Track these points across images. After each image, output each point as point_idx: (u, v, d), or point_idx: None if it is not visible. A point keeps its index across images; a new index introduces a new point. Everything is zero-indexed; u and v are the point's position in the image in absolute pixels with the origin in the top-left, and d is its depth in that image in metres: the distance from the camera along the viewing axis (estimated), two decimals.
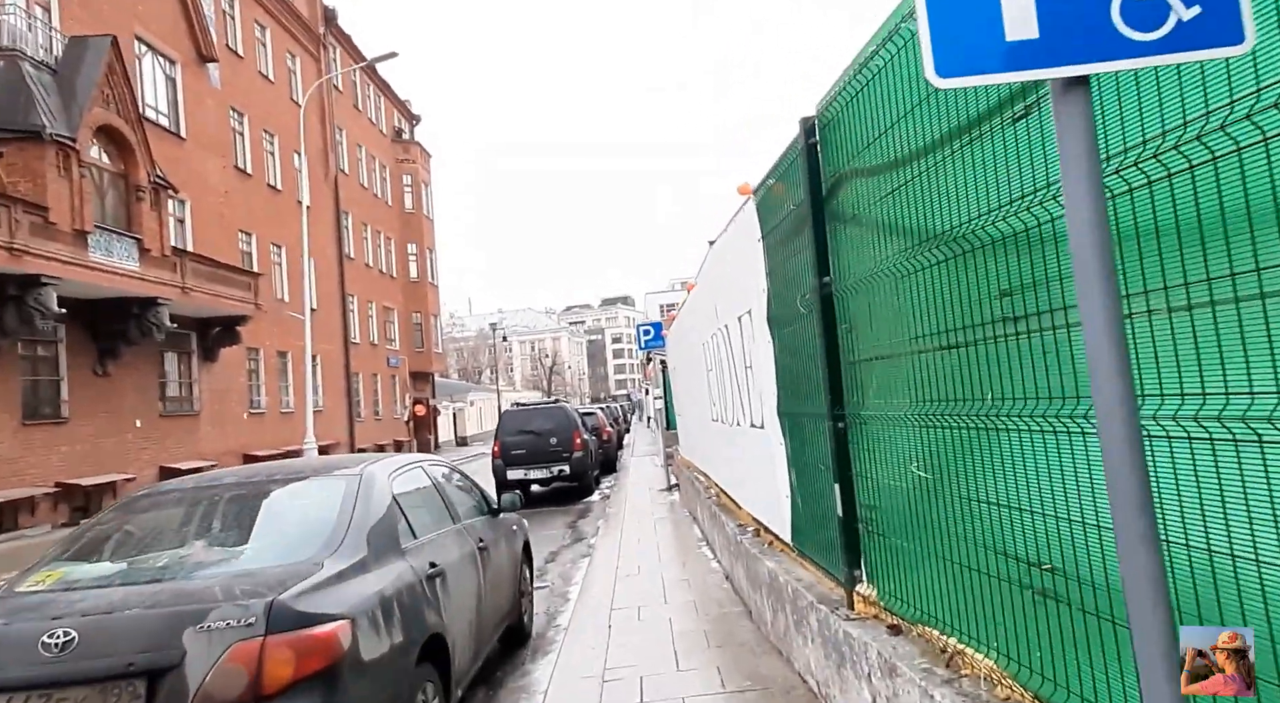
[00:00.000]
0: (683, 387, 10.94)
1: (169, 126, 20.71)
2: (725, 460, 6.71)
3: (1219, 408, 1.44)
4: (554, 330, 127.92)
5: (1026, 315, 2.03)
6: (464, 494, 5.09)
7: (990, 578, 2.30)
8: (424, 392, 40.08)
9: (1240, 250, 1.40)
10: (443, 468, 4.95)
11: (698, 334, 7.59)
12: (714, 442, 7.38)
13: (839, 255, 3.29)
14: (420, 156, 40.64)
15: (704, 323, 6.98)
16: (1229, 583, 1.49)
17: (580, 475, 14.49)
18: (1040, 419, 1.94)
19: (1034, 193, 1.93)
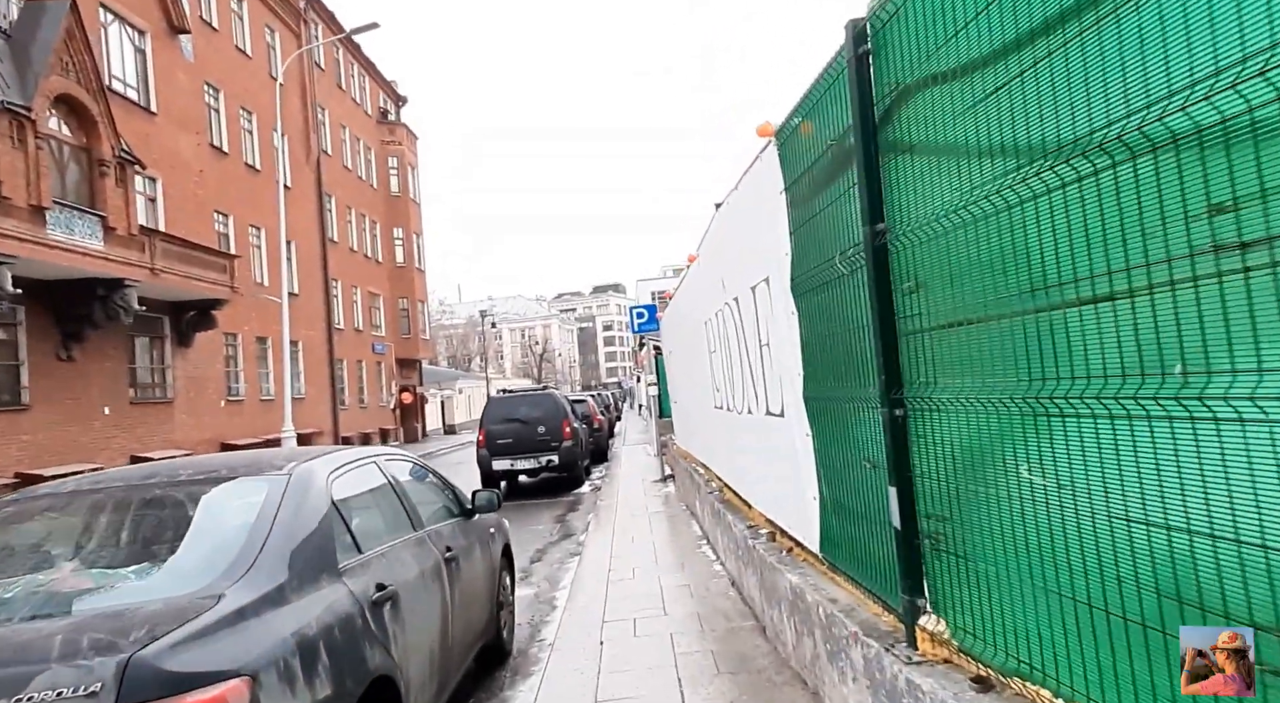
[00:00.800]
0: (679, 372, 10.22)
1: (138, 101, 19.72)
2: (732, 453, 6.00)
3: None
4: (544, 318, 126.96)
5: (1244, 244, 1.31)
6: (430, 494, 4.37)
7: (1150, 632, 1.59)
8: (411, 379, 39.24)
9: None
10: (404, 463, 4.22)
11: (699, 312, 6.87)
12: (717, 432, 6.67)
13: (898, 195, 2.56)
14: (406, 139, 39.60)
15: (707, 298, 6.26)
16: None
17: (570, 466, 13.78)
18: (1258, 403, 1.24)
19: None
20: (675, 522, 9.01)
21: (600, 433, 19.78)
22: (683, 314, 8.68)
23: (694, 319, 7.44)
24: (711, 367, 6.55)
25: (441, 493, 4.50)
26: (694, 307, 7.30)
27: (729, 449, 6.08)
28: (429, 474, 4.49)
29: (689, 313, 7.79)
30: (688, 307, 7.90)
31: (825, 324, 3.36)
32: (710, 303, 6.14)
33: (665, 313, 12.29)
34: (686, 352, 8.69)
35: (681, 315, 8.92)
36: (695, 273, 6.94)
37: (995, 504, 2.12)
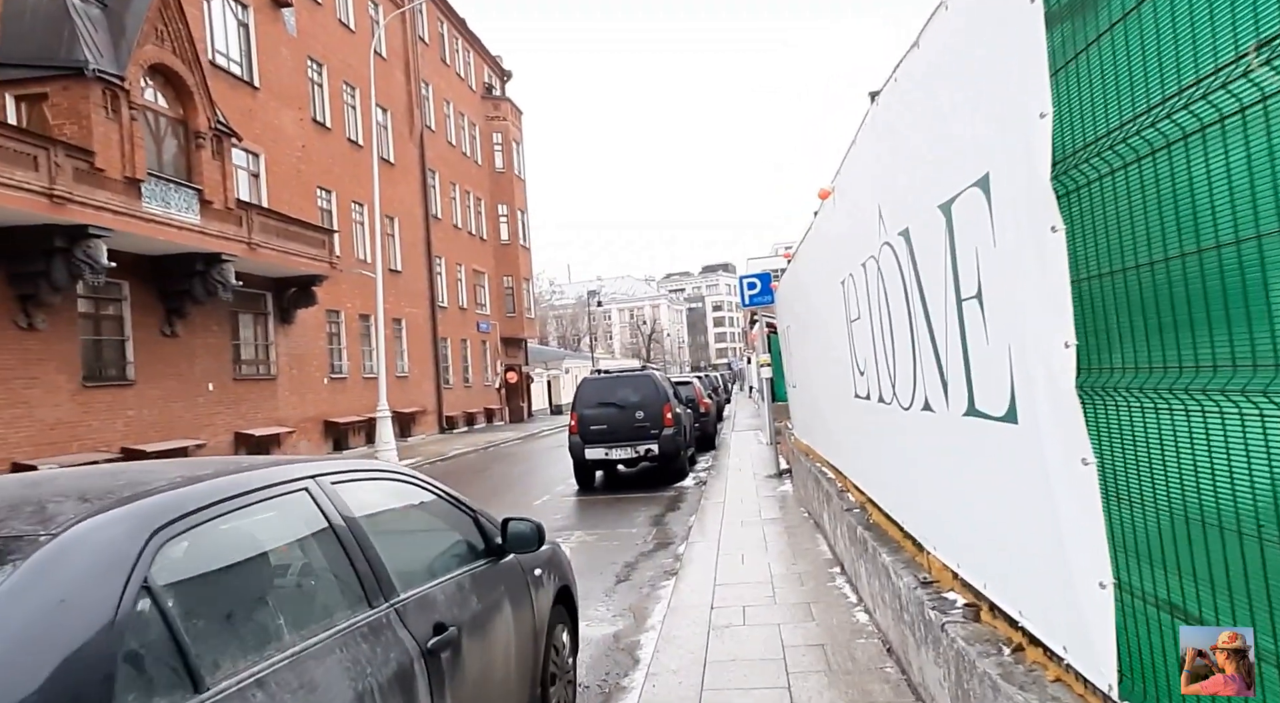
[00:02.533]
0: (799, 350, 8.43)
1: (241, 75, 19.58)
2: (885, 462, 4.24)
3: None
4: (653, 298, 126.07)
5: None
6: (427, 532, 2.92)
7: None
8: (516, 359, 38.93)
9: None
10: (382, 483, 2.75)
11: (834, 268, 5.11)
12: (858, 429, 4.91)
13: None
14: (511, 114, 38.99)
15: (849, 245, 4.50)
16: None
17: (671, 456, 12.25)
18: None
19: None
20: (796, 535, 7.29)
21: (707, 418, 18.16)
22: (806, 277, 6.89)
23: (824, 280, 5.67)
24: (852, 342, 4.79)
25: (450, 527, 3.03)
26: (825, 262, 5.53)
27: (881, 456, 4.32)
28: (432, 497, 3.01)
29: (817, 272, 6.01)
30: (815, 264, 6.11)
31: (1157, 237, 1.59)
32: (853, 250, 4.38)
33: (782, 282, 10.48)
34: (811, 325, 6.91)
35: (805, 279, 7.12)
36: (829, 214, 5.17)
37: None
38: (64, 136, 12.85)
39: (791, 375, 10.02)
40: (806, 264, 6.77)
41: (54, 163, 12.13)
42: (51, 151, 12.12)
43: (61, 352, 13.73)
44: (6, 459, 12.58)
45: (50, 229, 12.57)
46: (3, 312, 12.74)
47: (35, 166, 11.89)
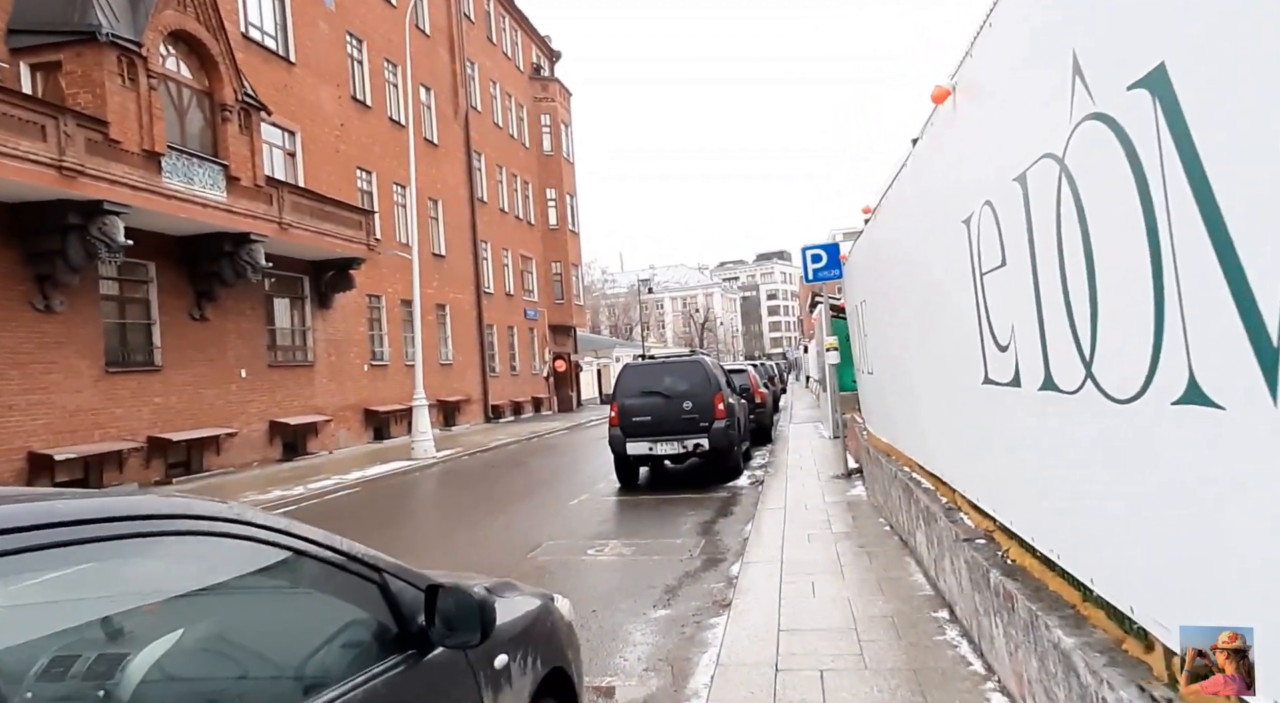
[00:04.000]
0: (879, 330, 6.96)
1: (276, 50, 18.82)
2: (1054, 481, 2.80)
3: None
4: (706, 286, 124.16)
5: None
6: (288, 621, 1.66)
7: None
8: (565, 346, 37.95)
9: None
10: (195, 539, 1.48)
11: (950, 204, 3.68)
12: (993, 428, 3.47)
13: None
14: (560, 95, 37.85)
15: (988, 160, 3.08)
16: None
17: (723, 452, 10.88)
18: None
19: None
20: (878, 557, 5.86)
21: (763, 409, 16.70)
22: (897, 231, 5.43)
23: (929, 225, 4.23)
24: (982, 305, 3.37)
25: (334, 608, 1.74)
26: (935, 199, 4.08)
27: (1042, 471, 2.87)
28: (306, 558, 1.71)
29: (918, 218, 4.56)
30: (915, 208, 4.66)
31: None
32: (998, 165, 2.96)
33: (853, 251, 8.98)
34: (901, 294, 5.45)
35: (892, 236, 5.66)
36: (946, 126, 3.72)
37: None
38: (78, 106, 12.12)
39: (865, 360, 8.52)
40: (897, 213, 5.30)
41: (63, 133, 11.38)
42: (61, 121, 11.37)
43: (83, 336, 13.10)
44: (23, 448, 11.99)
45: (64, 205, 11.86)
46: (19, 293, 12.12)
47: (43, 136, 11.15)
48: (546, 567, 6.73)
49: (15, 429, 11.93)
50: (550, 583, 6.21)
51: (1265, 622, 1.45)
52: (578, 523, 8.76)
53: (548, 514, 9.49)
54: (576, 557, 7.03)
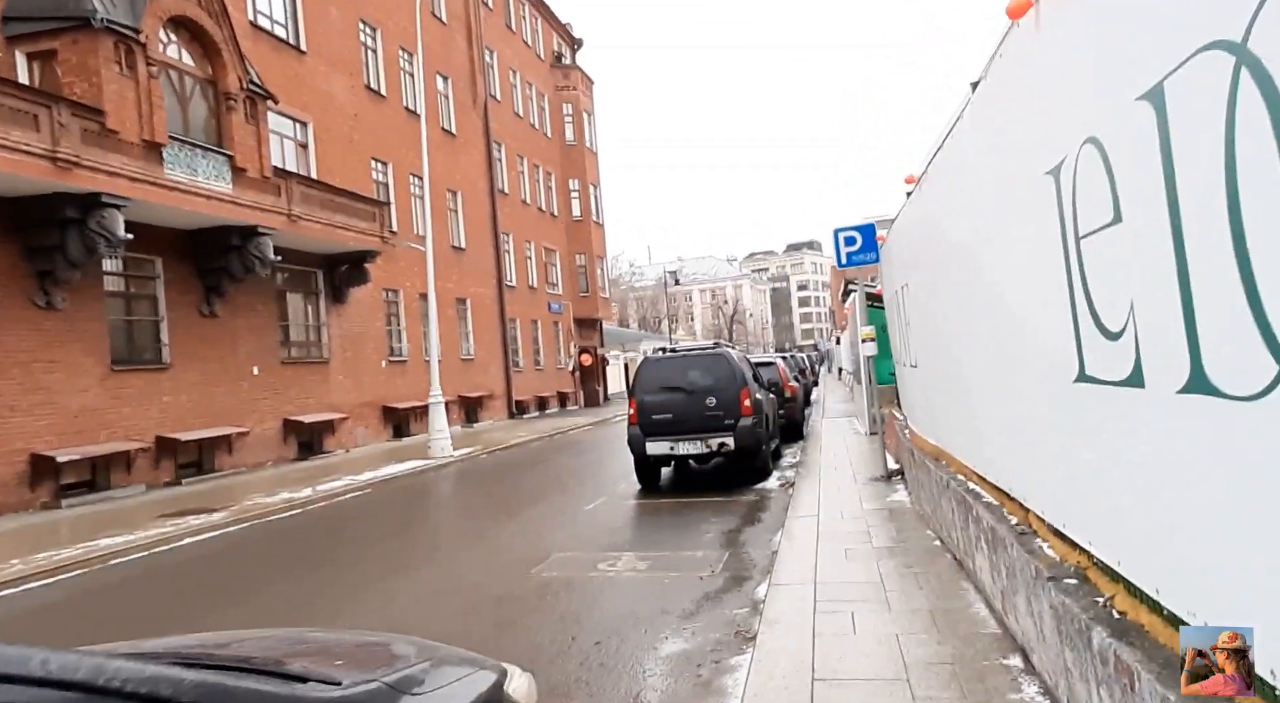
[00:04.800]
0: (925, 317, 6.12)
1: (286, 38, 18.33)
2: (1204, 516, 2.00)
3: None
4: (735, 278, 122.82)
5: None
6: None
7: None
8: (590, 340, 37.32)
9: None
10: None
11: (1027, 155, 2.86)
12: (1094, 434, 2.66)
13: None
14: (582, 83, 37.10)
15: (1091, 91, 2.26)
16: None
17: (750, 452, 10.09)
18: None
19: None
20: (929, 580, 5.06)
21: (793, 404, 15.84)
22: (957, 196, 4.60)
23: (1000, 183, 3.41)
24: (1077, 278, 2.56)
25: None
26: (1009, 153, 3.26)
27: (1189, 507, 2.06)
28: None
29: (985, 178, 3.74)
30: (979, 169, 3.83)
31: None
32: (1112, 84, 2.15)
33: (894, 229, 8.12)
34: (958, 272, 4.63)
35: (947, 205, 4.83)
36: (1024, 55, 2.90)
37: None
38: (74, 96, 11.67)
39: (907, 352, 7.67)
40: (950, 177, 4.47)
41: (57, 122, 10.93)
42: (54, 110, 10.92)
43: (87, 333, 12.71)
44: (25, 449, 11.62)
45: (61, 198, 11.44)
46: (19, 290, 11.74)
47: (36, 126, 10.71)
48: (550, 586, 6.03)
49: (17, 431, 11.57)
50: (553, 604, 5.51)
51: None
52: (591, 531, 8.06)
53: (560, 521, 8.79)
54: (585, 573, 6.32)
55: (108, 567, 7.93)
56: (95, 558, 8.12)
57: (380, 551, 7.98)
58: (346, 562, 7.48)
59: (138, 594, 6.92)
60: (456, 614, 5.47)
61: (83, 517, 10.98)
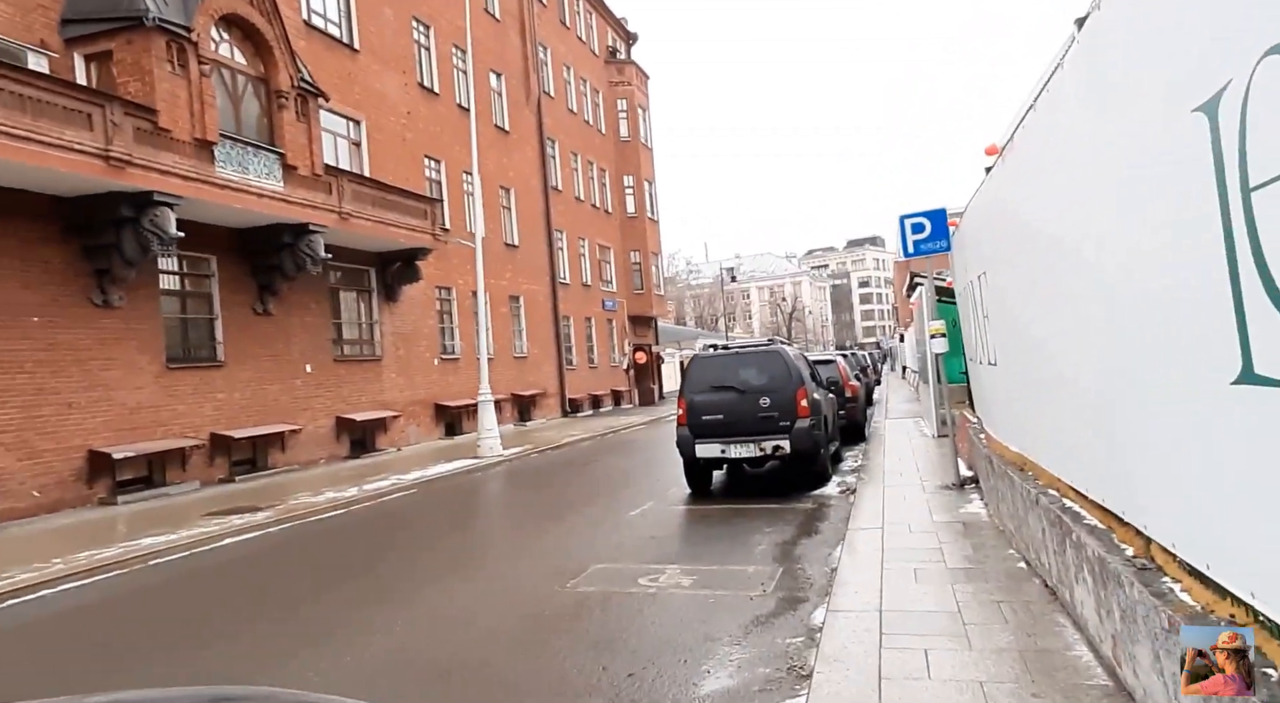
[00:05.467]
0: (1009, 305, 5.40)
1: (340, 37, 18.37)
2: None
3: None
4: (794, 275, 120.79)
5: None
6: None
7: None
8: (646, 338, 36.87)
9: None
10: None
11: (1162, 99, 2.20)
12: (1266, 456, 1.98)
13: None
14: (637, 78, 36.64)
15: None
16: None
17: (808, 456, 9.43)
18: None
19: None
20: (1015, 610, 4.37)
21: (854, 404, 15.03)
22: (1045, 169, 3.91)
23: (1119, 135, 2.74)
24: (1245, 245, 1.90)
25: None
26: (1137, 92, 2.60)
27: None
28: None
29: (1101, 129, 3.06)
30: (1091, 118, 3.16)
31: None
32: None
33: (966, 216, 7.36)
34: (1052, 255, 3.93)
35: (1038, 177, 4.13)
36: None
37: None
38: (128, 95, 11.76)
39: (984, 348, 6.91)
40: (1053, 135, 3.77)
41: (110, 121, 10.99)
42: (107, 109, 10.98)
43: (143, 331, 12.84)
44: (83, 446, 11.76)
45: (116, 197, 11.54)
46: (77, 288, 11.90)
47: (89, 126, 10.78)
48: (585, 603, 5.53)
49: (75, 427, 11.71)
50: (586, 625, 5.02)
51: None
52: (635, 540, 7.55)
53: (604, 528, 8.31)
54: (624, 588, 5.81)
55: (147, 568, 7.80)
56: (135, 558, 8.01)
57: (413, 557, 7.64)
58: (375, 570, 7.15)
59: (164, 602, 6.72)
60: (478, 635, 5.03)
61: (135, 513, 11.03)
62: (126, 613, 6.33)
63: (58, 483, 11.38)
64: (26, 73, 10.11)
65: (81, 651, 5.31)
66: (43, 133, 10.10)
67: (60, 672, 4.91)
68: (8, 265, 10.99)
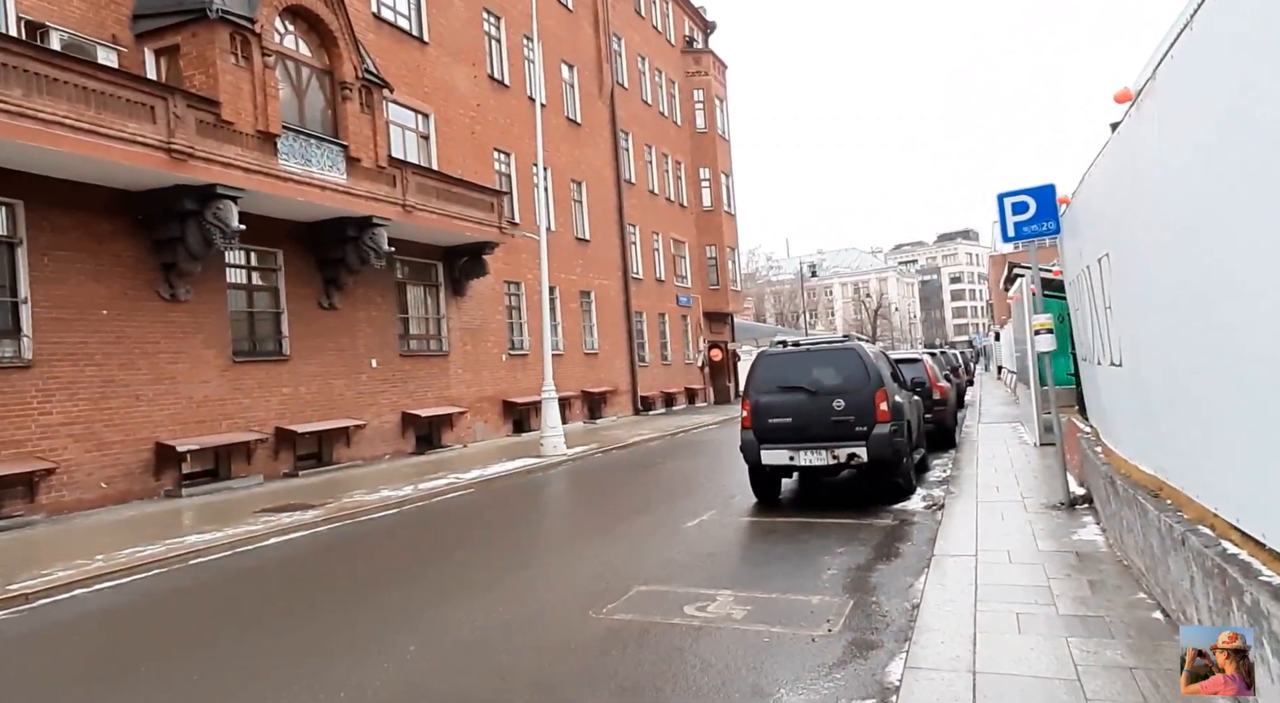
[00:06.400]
0: (1143, 291, 4.34)
1: (409, 29, 18.24)
2: None
3: None
4: (880, 270, 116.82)
5: None
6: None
7: None
8: (721, 334, 35.89)
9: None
10: None
11: None
12: None
13: None
14: (714, 68, 35.65)
15: None
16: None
17: (887, 465, 8.41)
18: None
19: None
20: (1156, 677, 3.38)
21: (943, 407, 13.75)
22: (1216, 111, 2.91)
23: None
24: None
25: None
26: None
27: None
28: None
29: None
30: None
31: None
32: None
33: (1082, 188, 6.24)
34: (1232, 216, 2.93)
35: (1204, 124, 3.13)
36: None
37: None
38: (192, 88, 11.76)
39: (1105, 345, 5.79)
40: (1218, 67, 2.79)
41: (173, 114, 10.97)
42: (170, 101, 10.96)
43: (209, 325, 12.89)
44: (150, 438, 11.86)
45: (180, 190, 11.54)
46: (145, 282, 12.00)
47: (152, 118, 10.78)
48: (619, 634, 4.80)
49: (143, 420, 11.81)
50: (615, 664, 4.29)
51: None
52: (688, 556, 6.77)
53: (656, 540, 7.56)
54: (667, 618, 5.05)
55: (185, 568, 7.55)
56: (175, 557, 7.78)
57: (444, 568, 7.08)
58: (402, 581, 6.63)
59: (180, 610, 6.38)
60: (487, 670, 4.37)
61: (195, 507, 10.99)
62: (137, 622, 6.00)
63: (125, 475, 11.48)
64: (88, 65, 10.14)
65: (67, 665, 4.95)
66: (105, 125, 10.11)
67: (42, 686, 4.54)
68: (80, 259, 11.13)
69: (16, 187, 10.37)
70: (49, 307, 10.71)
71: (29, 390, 10.42)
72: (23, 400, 10.33)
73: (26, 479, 10.22)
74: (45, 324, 10.65)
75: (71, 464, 10.80)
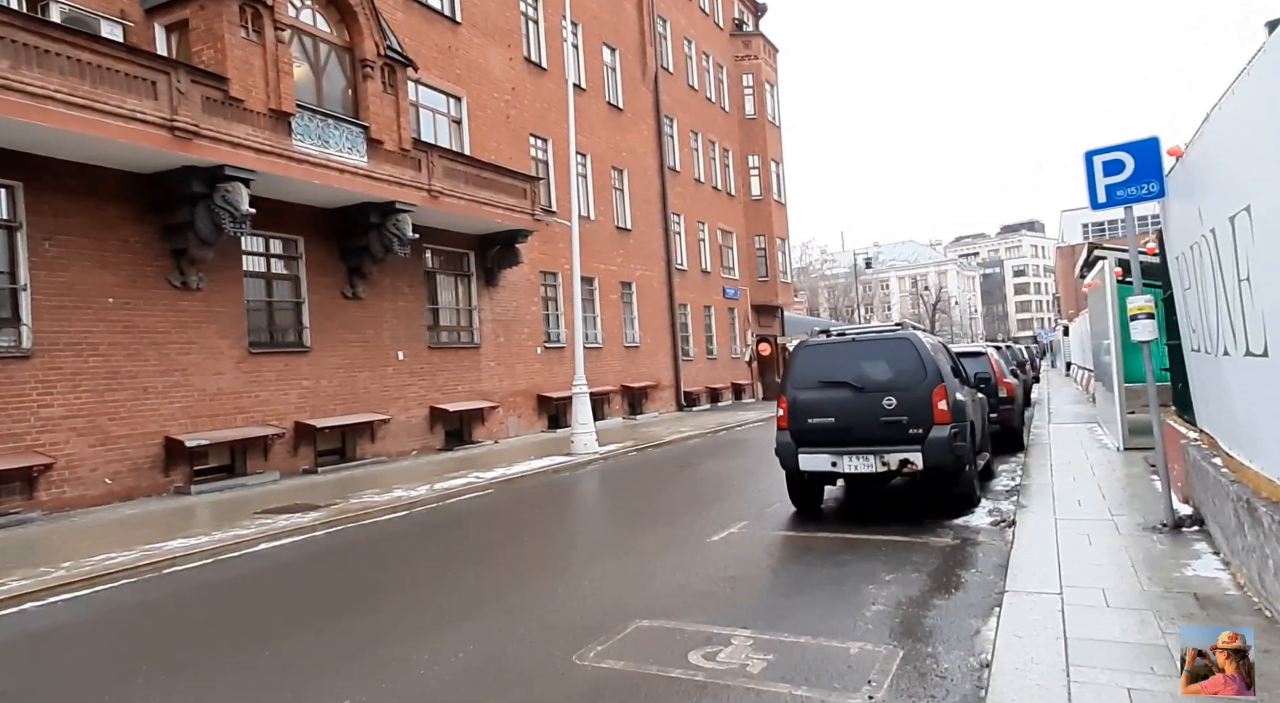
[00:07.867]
0: None
1: (440, 8, 17.53)
2: None
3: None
4: (939, 263, 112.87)
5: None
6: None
7: None
8: (770, 328, 34.54)
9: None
10: None
11: None
12: None
13: None
14: (764, 51, 34.25)
15: None
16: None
17: (948, 474, 7.22)
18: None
19: None
20: None
21: (1010, 406, 12.34)
22: None
23: None
24: None
25: None
26: None
27: None
28: None
29: None
30: None
31: None
32: None
33: (1208, 124, 4.96)
34: None
35: None
36: None
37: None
38: (200, 63, 11.19)
39: (1238, 328, 4.53)
40: None
41: (176, 89, 10.40)
42: (173, 76, 10.39)
43: (224, 314, 12.37)
44: (159, 433, 11.37)
45: (188, 172, 11.00)
46: (154, 269, 11.51)
47: (153, 94, 10.22)
48: (601, 690, 3.82)
49: (151, 413, 11.33)
50: None
51: None
52: (705, 582, 5.74)
53: (671, 558, 6.55)
54: (665, 669, 4.04)
55: (157, 578, 6.88)
56: (148, 565, 7.11)
57: (423, 591, 6.18)
58: (369, 605, 5.77)
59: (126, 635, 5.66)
60: None
61: (199, 506, 10.44)
62: (60, 651, 5.28)
63: (132, 471, 11.01)
64: (83, 37, 9.59)
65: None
66: (101, 101, 9.57)
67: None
68: (84, 245, 10.67)
69: (14, 168, 9.92)
70: (50, 294, 10.26)
71: (28, 382, 9.97)
72: (21, 392, 9.89)
73: (24, 475, 9.78)
74: (46, 312, 10.20)
75: (74, 459, 10.35)
